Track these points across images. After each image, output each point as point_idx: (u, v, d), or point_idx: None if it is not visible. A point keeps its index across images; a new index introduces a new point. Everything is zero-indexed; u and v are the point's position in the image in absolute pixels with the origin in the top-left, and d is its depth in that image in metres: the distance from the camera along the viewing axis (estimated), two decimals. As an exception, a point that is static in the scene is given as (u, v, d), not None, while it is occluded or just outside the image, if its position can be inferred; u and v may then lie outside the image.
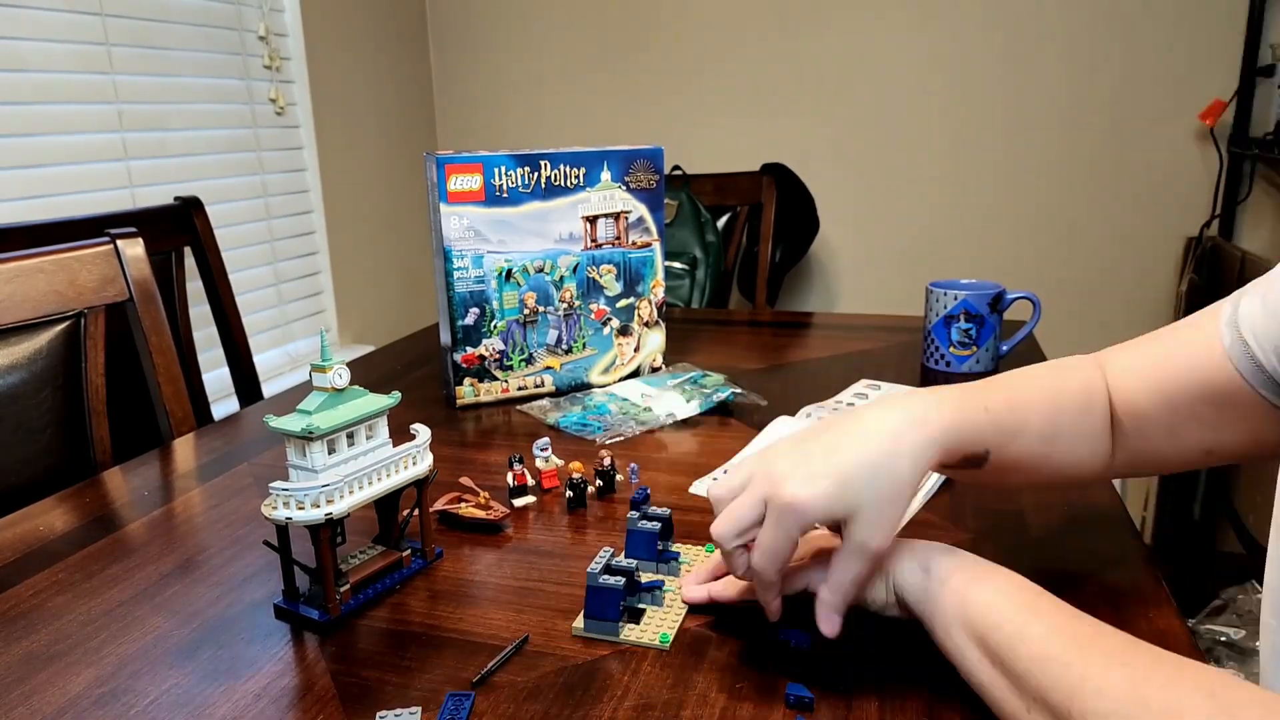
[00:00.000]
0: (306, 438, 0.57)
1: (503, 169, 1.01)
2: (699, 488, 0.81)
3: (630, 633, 0.58)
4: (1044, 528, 0.71)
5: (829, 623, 0.53)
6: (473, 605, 0.63)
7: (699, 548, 0.70)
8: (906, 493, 0.51)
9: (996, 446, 0.58)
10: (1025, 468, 0.60)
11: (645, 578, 0.63)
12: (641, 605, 0.61)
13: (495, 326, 1.05)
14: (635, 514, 0.67)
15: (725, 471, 0.83)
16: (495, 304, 1.04)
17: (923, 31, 2.29)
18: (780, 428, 0.93)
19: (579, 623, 0.59)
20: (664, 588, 0.62)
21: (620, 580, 0.58)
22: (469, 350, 1.05)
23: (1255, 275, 0.58)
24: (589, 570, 0.58)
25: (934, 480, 0.78)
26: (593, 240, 1.08)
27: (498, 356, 1.06)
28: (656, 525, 0.65)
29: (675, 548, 0.69)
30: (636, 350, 1.14)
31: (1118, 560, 0.66)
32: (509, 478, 0.79)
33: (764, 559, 0.51)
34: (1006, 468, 0.59)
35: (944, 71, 2.30)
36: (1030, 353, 1.21)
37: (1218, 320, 0.57)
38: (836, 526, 0.53)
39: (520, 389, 1.09)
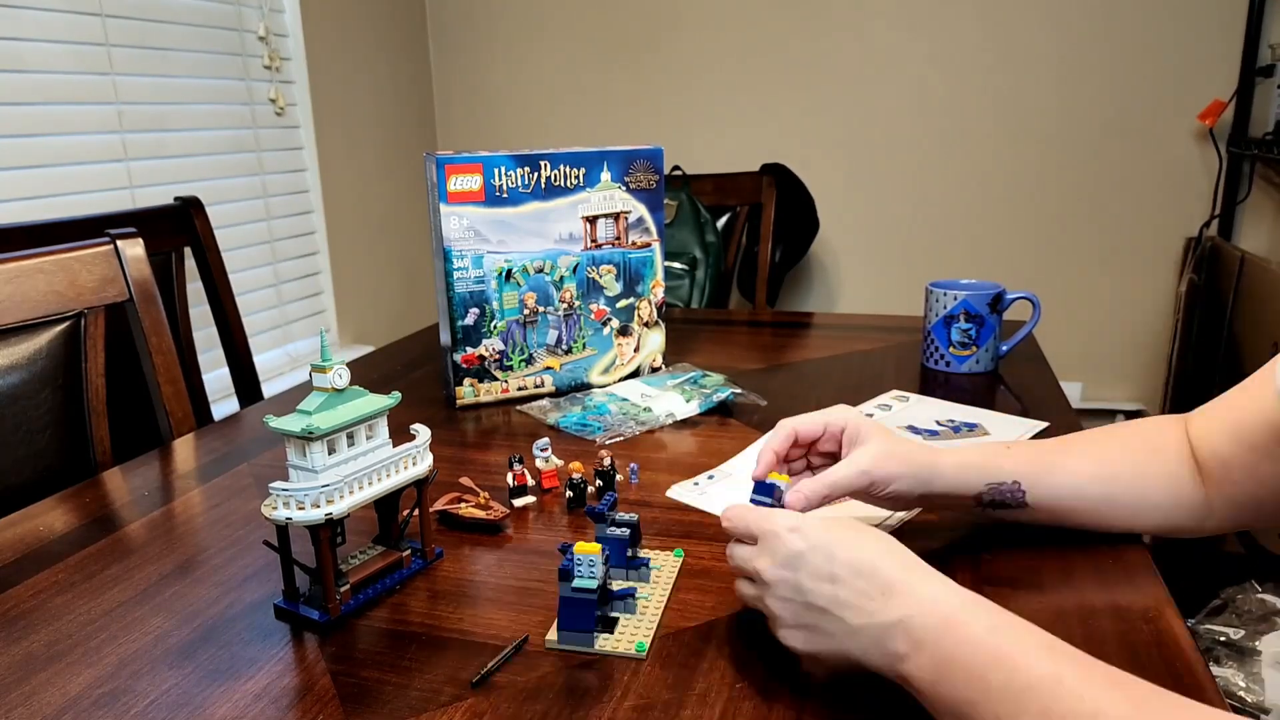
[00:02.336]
0: (306, 438, 0.57)
1: (503, 169, 1.01)
2: (677, 492, 0.81)
3: (605, 643, 0.57)
4: (1044, 529, 0.71)
5: (795, 503, 0.60)
6: (473, 605, 0.63)
7: (668, 553, 0.68)
8: None
9: (1029, 480, 0.65)
10: (1085, 508, 0.66)
11: (617, 585, 0.62)
12: (615, 614, 0.60)
13: (495, 327, 1.05)
14: (603, 524, 0.65)
15: (710, 477, 0.83)
16: (495, 304, 1.04)
17: (922, 31, 2.29)
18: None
19: (552, 634, 0.58)
20: (636, 595, 0.61)
21: (594, 590, 0.56)
22: (469, 350, 1.05)
23: (1255, 275, 0.58)
24: (561, 581, 0.57)
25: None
26: (593, 240, 1.08)
27: (498, 357, 1.06)
28: (626, 533, 0.64)
29: (644, 554, 0.68)
30: (636, 350, 1.14)
31: (1117, 560, 0.66)
32: (509, 478, 0.79)
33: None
34: (1060, 509, 0.66)
35: (943, 71, 2.30)
36: (1030, 353, 1.21)
37: (1275, 364, 0.60)
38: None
39: (520, 389, 1.09)
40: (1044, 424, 0.93)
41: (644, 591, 0.63)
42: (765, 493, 0.62)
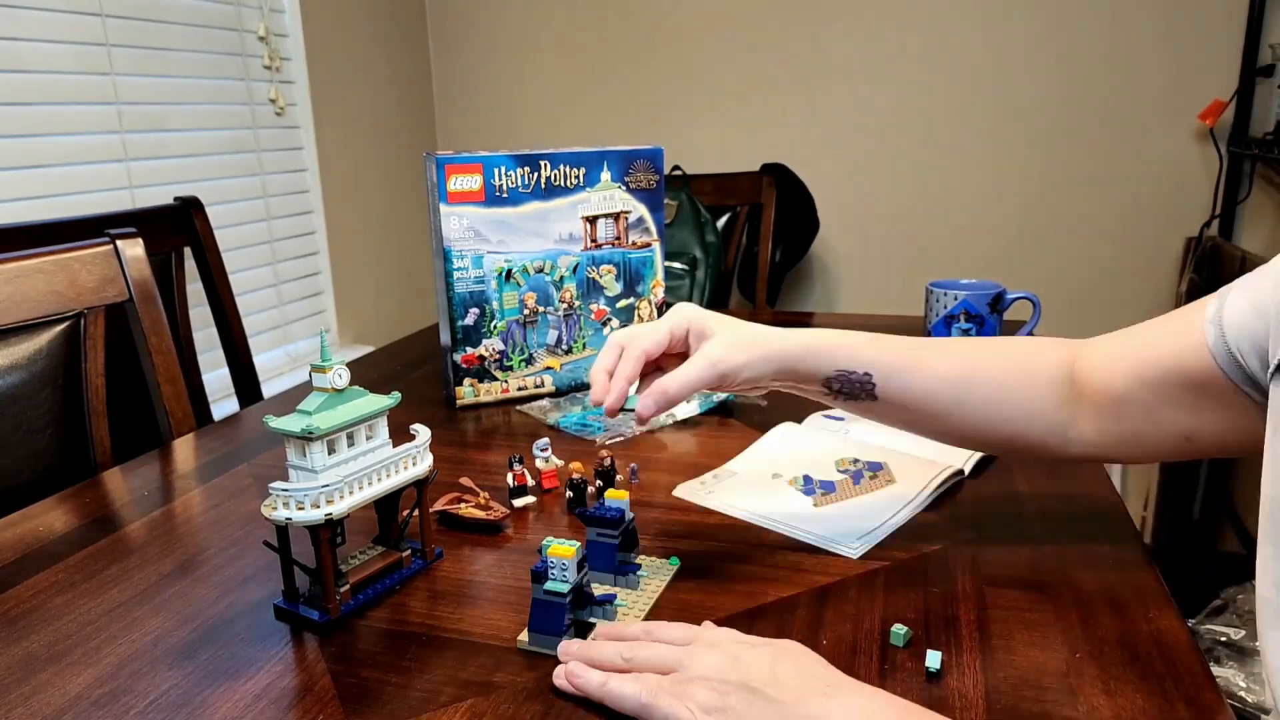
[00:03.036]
0: (306, 438, 0.57)
1: (503, 169, 1.01)
2: (684, 492, 0.81)
3: None
4: (1044, 528, 0.71)
5: (646, 408, 0.62)
6: (473, 606, 0.63)
7: (664, 560, 0.68)
8: None
9: (882, 373, 0.64)
10: (936, 409, 0.65)
11: (599, 590, 0.61)
12: (592, 619, 0.59)
13: (495, 327, 1.05)
14: (593, 527, 0.64)
15: (716, 476, 0.83)
16: (495, 304, 1.04)
17: (922, 31, 2.29)
18: (784, 432, 0.93)
19: (524, 635, 0.57)
20: (616, 602, 0.60)
21: (564, 594, 0.56)
22: (469, 350, 1.05)
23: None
24: (534, 583, 0.57)
25: (941, 478, 0.78)
26: (593, 240, 1.08)
27: (498, 357, 1.06)
28: (616, 538, 0.63)
29: (639, 559, 0.67)
30: (636, 350, 1.14)
31: (1118, 560, 0.66)
32: (509, 478, 0.79)
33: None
34: (910, 406, 0.65)
35: (943, 71, 2.30)
36: (1030, 353, 1.21)
37: (1202, 314, 0.58)
38: None
39: (520, 389, 1.09)
40: (954, 468, 0.81)
41: (629, 599, 0.62)
42: (608, 517, 0.63)
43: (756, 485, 0.81)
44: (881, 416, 0.68)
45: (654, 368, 0.68)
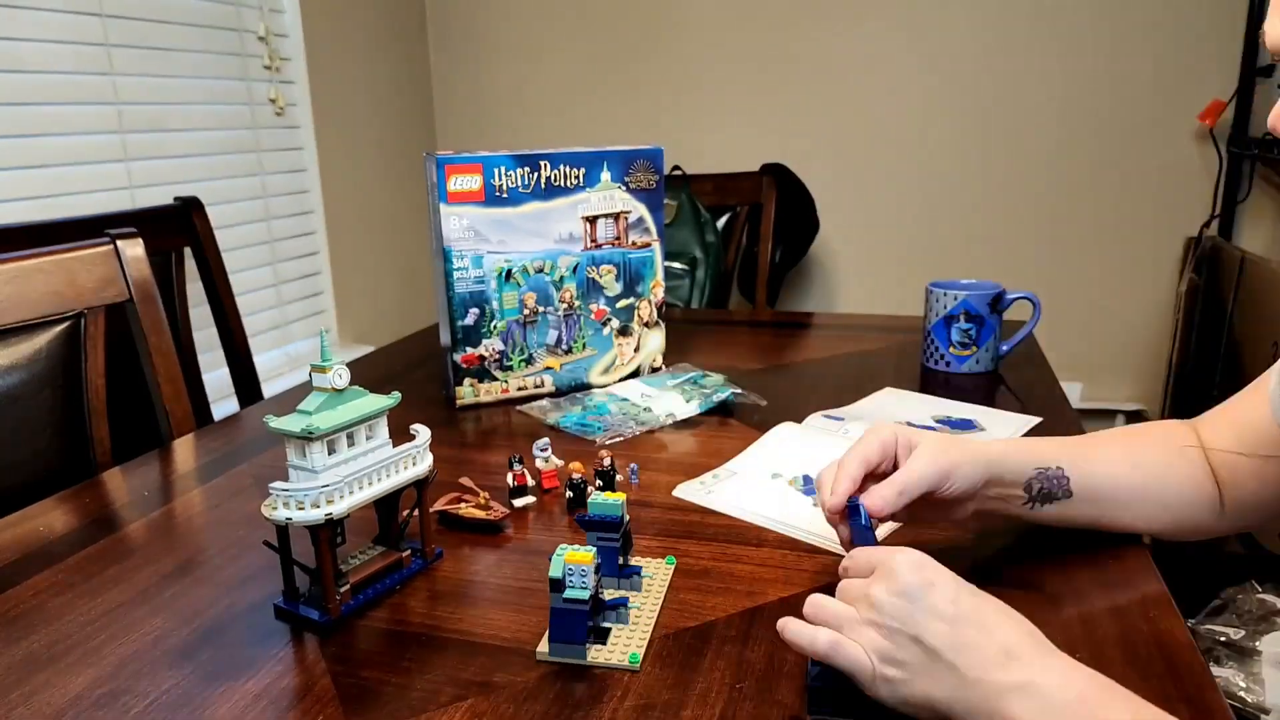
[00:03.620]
0: (306, 438, 0.57)
1: (502, 169, 1.01)
2: (684, 492, 0.81)
3: (598, 654, 0.56)
4: (1044, 528, 0.71)
5: (875, 503, 0.60)
6: (473, 606, 0.63)
7: (660, 560, 0.68)
8: None
9: (1071, 466, 0.65)
10: (1122, 498, 0.66)
11: (609, 595, 0.61)
12: (606, 624, 0.59)
13: (495, 327, 1.05)
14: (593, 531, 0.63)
15: (715, 476, 0.83)
16: (495, 304, 1.04)
17: (923, 31, 2.29)
18: (784, 433, 0.93)
19: (543, 646, 0.57)
20: (628, 604, 0.60)
21: (586, 601, 0.55)
22: (469, 350, 1.05)
23: (1255, 275, 0.59)
24: (552, 592, 0.56)
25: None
26: (593, 240, 1.08)
27: (497, 357, 1.06)
28: (617, 541, 0.63)
29: (636, 561, 0.67)
30: (636, 351, 1.14)
31: (1118, 560, 0.66)
32: (509, 478, 0.79)
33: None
34: (1101, 498, 0.66)
35: (944, 71, 2.30)
36: (1030, 353, 1.21)
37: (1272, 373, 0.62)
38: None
39: (520, 389, 1.09)
40: (1037, 419, 0.94)
41: (636, 600, 0.62)
42: (857, 514, 0.61)
43: (756, 485, 0.81)
44: (1073, 518, 0.67)
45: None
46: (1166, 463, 0.67)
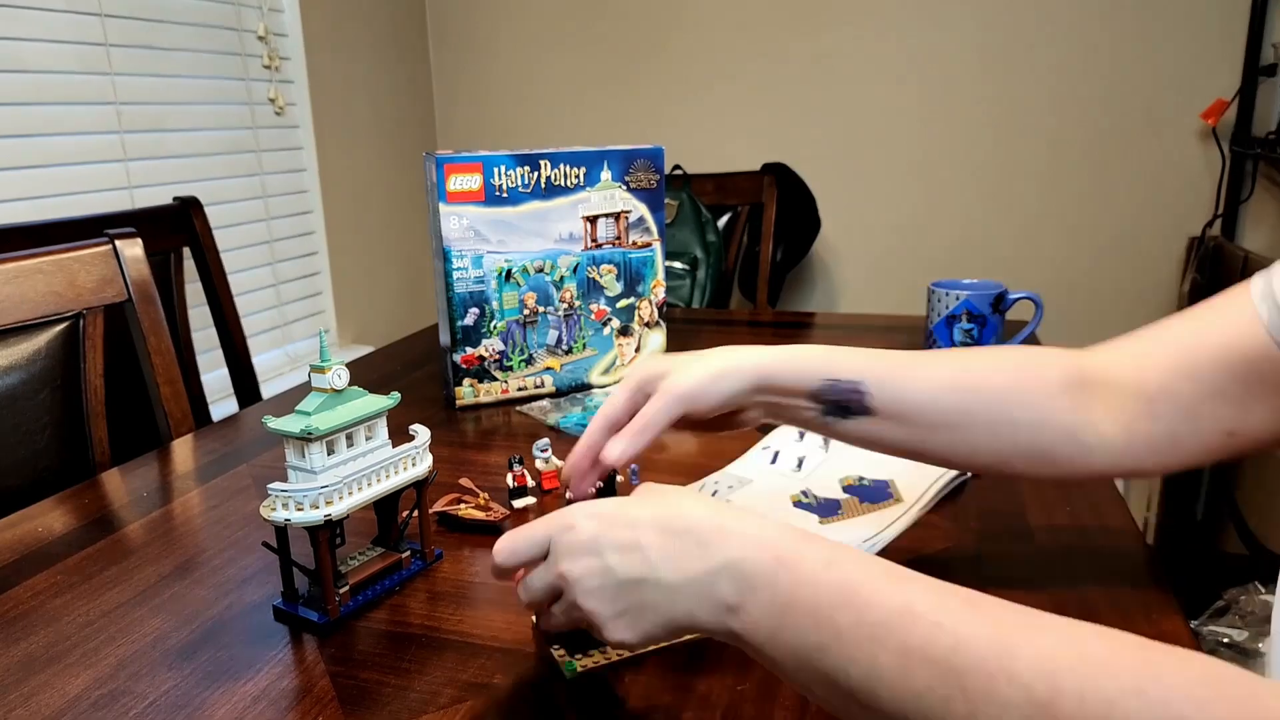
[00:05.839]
0: (305, 439, 0.57)
1: (502, 169, 1.01)
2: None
3: (598, 656, 0.55)
4: (1047, 530, 0.71)
5: (614, 451, 0.58)
6: (472, 607, 0.63)
7: None
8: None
9: (875, 381, 0.59)
10: (939, 420, 0.59)
11: None
12: None
13: (495, 327, 1.05)
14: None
15: (716, 481, 0.83)
16: (495, 304, 1.04)
17: (923, 31, 2.29)
18: (785, 434, 0.93)
19: (560, 650, 0.56)
20: None
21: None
22: (469, 351, 1.05)
23: (1258, 275, 0.57)
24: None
25: (942, 481, 0.78)
26: (593, 240, 1.08)
27: (497, 357, 1.06)
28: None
29: None
30: (637, 351, 1.14)
31: (1121, 561, 0.66)
32: (509, 479, 0.79)
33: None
34: (910, 417, 0.59)
35: (945, 71, 2.30)
36: (1032, 353, 1.20)
37: (1247, 294, 0.55)
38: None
39: (520, 390, 1.08)
40: (967, 474, 0.80)
41: None
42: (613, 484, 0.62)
43: (760, 503, 0.78)
44: (880, 438, 0.61)
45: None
46: (1008, 385, 0.59)
